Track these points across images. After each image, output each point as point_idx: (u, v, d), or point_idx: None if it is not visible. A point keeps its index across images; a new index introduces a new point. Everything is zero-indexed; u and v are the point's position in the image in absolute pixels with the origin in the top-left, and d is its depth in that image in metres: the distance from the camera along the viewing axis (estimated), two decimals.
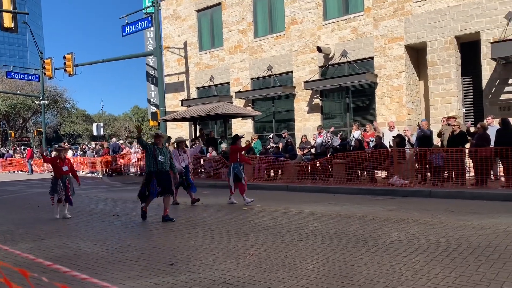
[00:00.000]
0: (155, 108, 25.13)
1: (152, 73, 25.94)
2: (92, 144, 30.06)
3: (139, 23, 22.99)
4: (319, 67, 18.46)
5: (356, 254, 5.41)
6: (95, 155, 24.22)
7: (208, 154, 17.46)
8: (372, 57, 16.88)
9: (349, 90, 18.01)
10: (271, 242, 6.22)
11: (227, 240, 6.46)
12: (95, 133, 38.18)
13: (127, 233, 7.37)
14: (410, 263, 4.92)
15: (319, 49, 17.63)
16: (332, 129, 16.09)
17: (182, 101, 23.08)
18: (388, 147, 13.17)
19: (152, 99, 26.47)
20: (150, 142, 8.73)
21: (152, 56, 23.92)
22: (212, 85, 22.58)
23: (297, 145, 17.07)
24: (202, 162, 17.30)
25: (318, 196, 11.56)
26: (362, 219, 7.80)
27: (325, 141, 14.83)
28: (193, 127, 21.48)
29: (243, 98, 20.89)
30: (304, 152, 15.63)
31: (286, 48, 19.53)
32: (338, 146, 14.38)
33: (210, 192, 13.18)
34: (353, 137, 15.06)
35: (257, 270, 4.89)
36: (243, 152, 11.42)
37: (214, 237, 6.75)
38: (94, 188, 16.14)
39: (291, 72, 19.38)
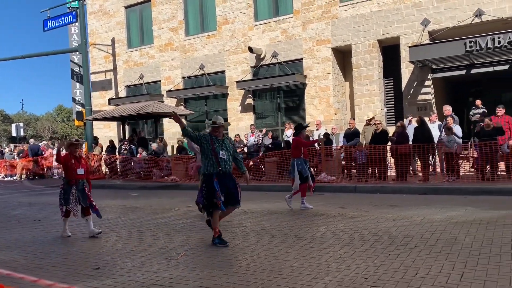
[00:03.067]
0: (80, 107, 23.90)
1: (77, 71, 24.67)
2: (11, 146, 27.95)
3: (63, 18, 21.75)
4: (251, 67, 18.66)
5: (285, 249, 5.55)
6: (16, 158, 22.55)
7: (138, 155, 16.97)
8: (301, 59, 17.37)
9: (280, 90, 18.39)
10: (202, 242, 6.19)
11: (157, 242, 6.32)
12: (14, 134, 35.61)
13: (49, 238, 6.96)
14: (336, 255, 5.14)
15: (250, 50, 17.82)
16: (270, 135, 15.82)
17: (109, 99, 22.20)
18: (317, 145, 13.64)
19: (77, 98, 25.16)
20: (205, 133, 6.57)
21: (77, 52, 22.74)
22: (142, 84, 21.96)
23: None
24: (132, 164, 16.77)
25: (251, 194, 11.65)
26: (292, 215, 8.01)
27: (257, 140, 15.02)
28: (121, 127, 20.75)
29: (175, 97, 20.56)
30: (237, 151, 15.70)
31: (218, 48, 19.51)
32: (270, 145, 14.64)
33: (140, 194, 12.82)
34: (286, 136, 15.41)
35: (187, 270, 4.85)
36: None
37: (144, 239, 6.58)
38: (14, 193, 15.04)
39: (224, 71, 19.40)
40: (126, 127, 20.99)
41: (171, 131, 21.05)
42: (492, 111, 12.08)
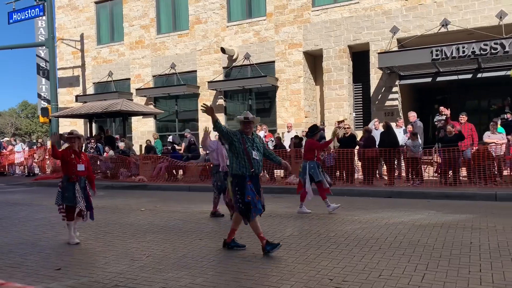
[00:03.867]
0: (46, 104, 23.21)
1: (43, 66, 23.92)
2: None
3: (29, 11, 21.10)
4: (223, 68, 18.61)
5: (252, 250, 5.54)
6: None
7: (105, 153, 16.61)
8: (273, 61, 17.46)
9: (252, 92, 18.42)
10: (169, 243, 6.11)
11: (122, 242, 6.19)
12: None
13: (9, 238, 6.69)
14: (302, 257, 5.18)
15: (223, 50, 17.78)
16: None
17: (77, 96, 21.63)
18: (288, 147, 13.73)
19: (42, 94, 24.39)
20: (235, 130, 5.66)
21: (44, 47, 22.08)
22: (111, 81, 21.51)
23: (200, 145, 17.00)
24: (98, 163, 16.38)
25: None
26: (262, 217, 8.00)
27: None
28: (88, 125, 20.25)
29: (145, 96, 20.24)
30: (207, 152, 15.60)
31: (190, 47, 19.35)
32: None
33: (106, 194, 12.53)
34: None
35: (152, 271, 4.77)
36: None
37: (108, 239, 6.43)
38: None
39: (195, 71, 19.25)
40: (93, 125, 20.52)
41: (140, 130, 20.72)
42: (456, 119, 12.49)
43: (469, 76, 14.42)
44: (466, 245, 5.46)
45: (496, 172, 11.09)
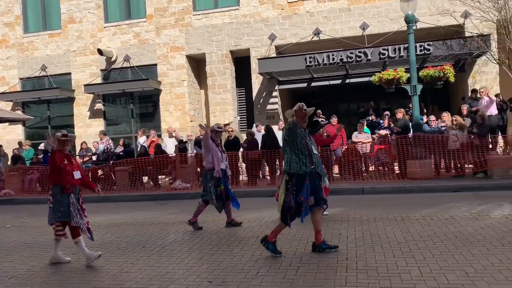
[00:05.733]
0: None
1: None
2: None
3: None
4: (101, 70, 17.64)
5: (131, 260, 5.32)
6: None
7: None
8: (156, 64, 17.07)
9: (133, 96, 17.76)
10: (37, 260, 5.57)
11: None
12: None
13: None
14: (184, 262, 5.12)
15: (100, 52, 16.84)
16: (121, 142, 14.79)
17: None
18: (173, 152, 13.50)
19: None
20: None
21: None
22: None
23: (77, 153, 15.84)
24: None
25: (100, 205, 10.92)
26: (142, 224, 7.74)
27: (107, 148, 14.20)
28: None
29: (10, 100, 18.25)
30: (85, 160, 14.64)
31: (63, 48, 17.97)
32: (121, 153, 13.98)
33: None
34: (139, 143, 14.90)
35: None
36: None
37: None
38: None
39: (70, 73, 17.93)
40: None
41: (6, 138, 18.61)
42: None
43: (339, 81, 15.74)
44: (336, 236, 5.91)
45: (363, 168, 12.24)
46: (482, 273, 4.14)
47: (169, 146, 14.03)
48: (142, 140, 14.81)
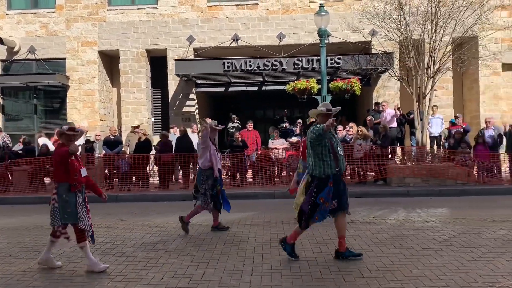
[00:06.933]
0: None
1: None
2: None
3: None
4: (1, 60, 16.15)
5: (23, 267, 4.91)
6: None
7: None
8: (64, 58, 16.02)
9: (38, 90, 16.49)
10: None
11: None
12: None
13: None
14: (83, 269, 4.82)
15: (1, 41, 15.39)
16: (21, 140, 13.61)
17: None
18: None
19: None
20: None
21: None
22: None
23: None
24: None
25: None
26: (40, 229, 7.16)
27: (3, 145, 12.98)
28: None
29: None
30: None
31: None
32: (20, 151, 12.87)
33: None
34: (39, 144, 13.81)
35: None
36: None
37: None
38: None
39: None
40: None
41: None
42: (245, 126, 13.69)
43: (256, 88, 16.03)
44: (244, 240, 5.97)
45: (276, 173, 12.56)
46: (375, 274, 4.44)
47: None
48: (41, 141, 13.64)
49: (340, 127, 12.70)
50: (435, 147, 13.13)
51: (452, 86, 15.40)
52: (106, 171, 12.30)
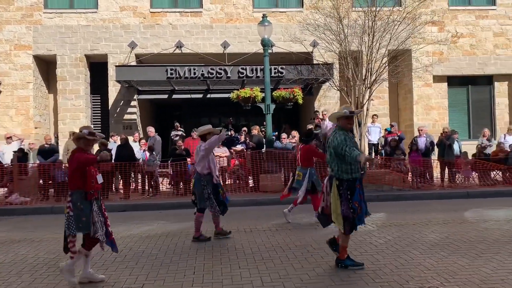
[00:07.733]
0: None
1: None
2: None
3: None
4: None
5: None
6: None
7: None
8: None
9: None
10: None
11: None
12: None
13: None
14: (11, 286, 4.51)
15: None
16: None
17: None
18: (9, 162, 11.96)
19: None
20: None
21: None
22: None
23: None
24: None
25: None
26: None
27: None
28: None
29: None
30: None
31: None
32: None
33: None
34: None
35: None
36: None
37: None
38: None
39: None
40: None
41: None
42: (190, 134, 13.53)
43: (200, 96, 15.92)
44: (186, 251, 5.87)
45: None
46: (314, 279, 4.52)
47: (7, 155, 12.41)
48: None
49: (284, 135, 12.90)
50: (373, 154, 13.70)
51: (388, 96, 16.19)
52: (41, 181, 11.66)
